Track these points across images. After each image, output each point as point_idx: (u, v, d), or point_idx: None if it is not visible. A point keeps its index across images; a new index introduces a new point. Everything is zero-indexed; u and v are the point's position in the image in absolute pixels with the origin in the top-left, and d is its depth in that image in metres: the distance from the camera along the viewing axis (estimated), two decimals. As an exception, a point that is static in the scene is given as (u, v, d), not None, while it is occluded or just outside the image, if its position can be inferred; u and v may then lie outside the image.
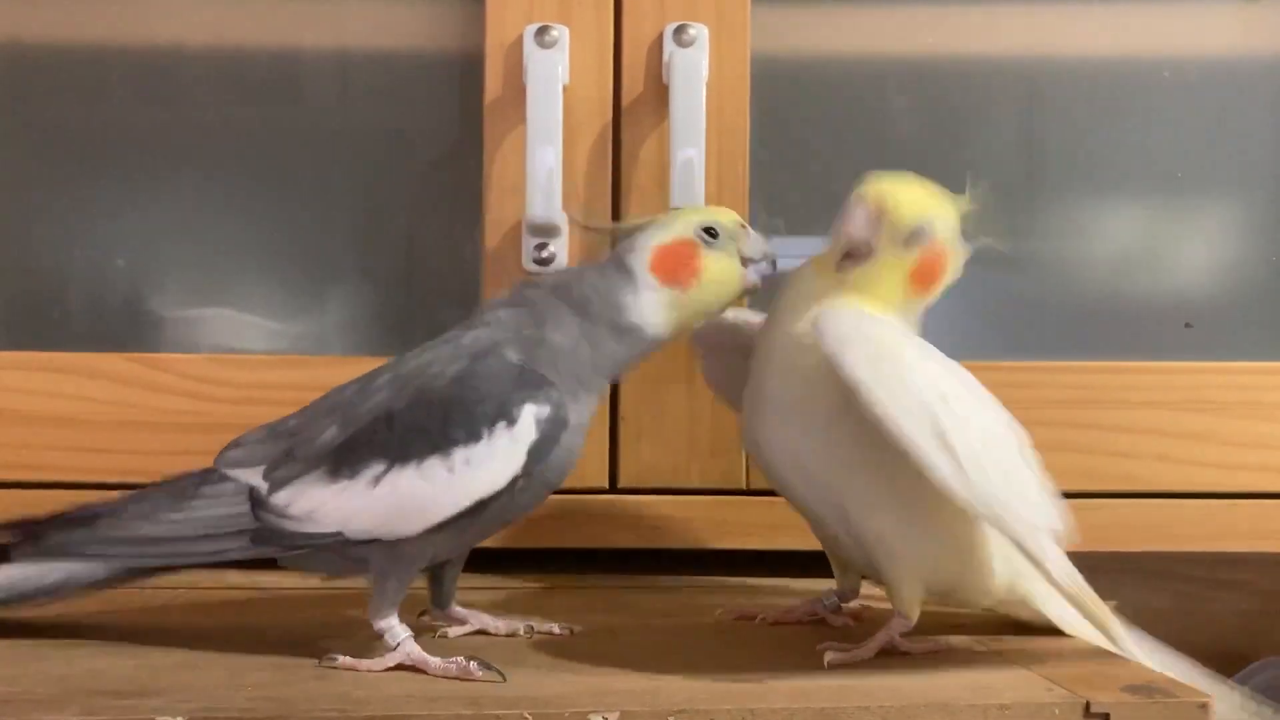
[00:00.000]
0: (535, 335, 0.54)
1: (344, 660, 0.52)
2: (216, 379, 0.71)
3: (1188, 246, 0.78)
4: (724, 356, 0.63)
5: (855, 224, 0.54)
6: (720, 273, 0.56)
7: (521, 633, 0.58)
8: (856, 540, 0.56)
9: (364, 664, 0.52)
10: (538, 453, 0.52)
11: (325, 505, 0.53)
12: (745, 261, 0.56)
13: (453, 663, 0.51)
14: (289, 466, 0.53)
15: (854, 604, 0.62)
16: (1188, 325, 0.76)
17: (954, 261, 0.56)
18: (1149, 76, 0.77)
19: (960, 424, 0.51)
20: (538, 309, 0.55)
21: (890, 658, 0.55)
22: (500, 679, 0.50)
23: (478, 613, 0.59)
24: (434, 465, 0.52)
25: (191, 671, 0.51)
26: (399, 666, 0.52)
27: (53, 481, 0.69)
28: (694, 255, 0.55)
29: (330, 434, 0.53)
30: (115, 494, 0.60)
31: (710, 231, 0.56)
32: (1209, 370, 0.72)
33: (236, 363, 0.72)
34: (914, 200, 0.55)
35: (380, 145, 0.77)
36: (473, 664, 0.51)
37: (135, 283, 0.76)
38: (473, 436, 0.52)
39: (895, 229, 0.54)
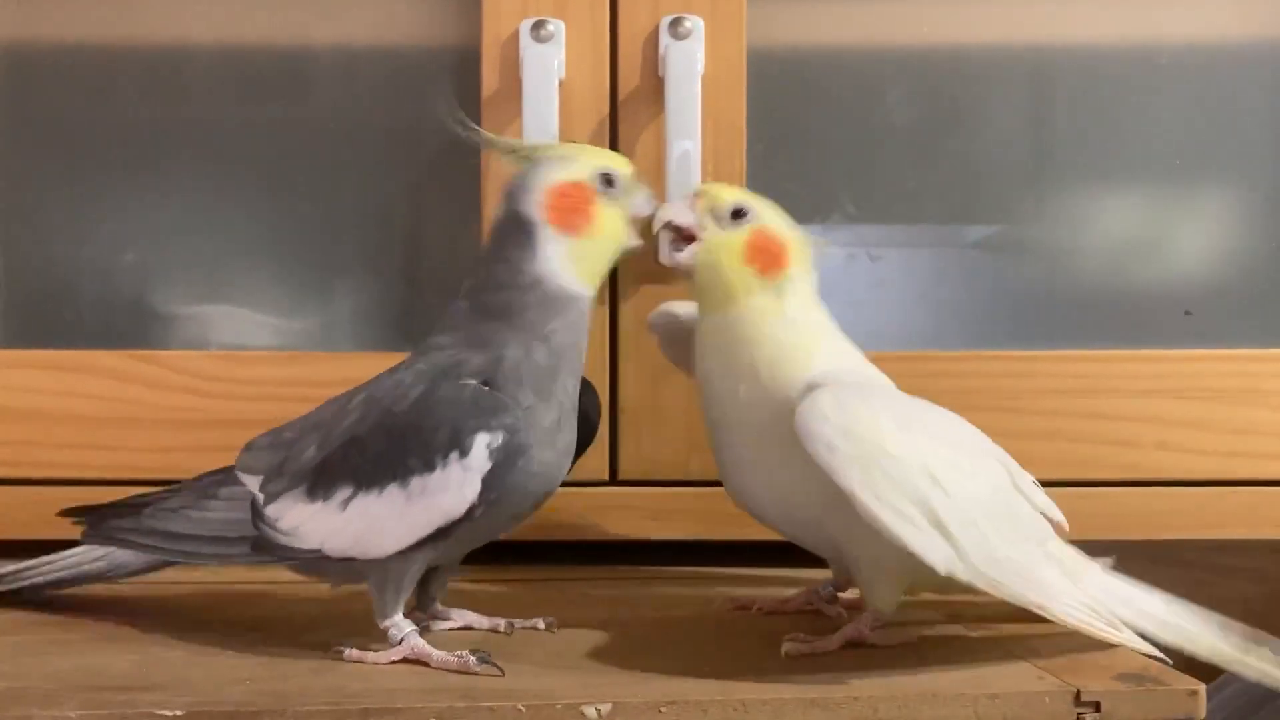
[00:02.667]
0: (491, 356, 0.53)
1: (351, 652, 0.53)
2: (220, 376, 0.72)
3: (1187, 233, 0.78)
4: (678, 342, 0.63)
5: (672, 209, 0.57)
6: (612, 223, 0.55)
7: (502, 628, 0.58)
8: (835, 553, 0.57)
9: (370, 656, 0.53)
10: (493, 481, 0.52)
11: (306, 523, 0.54)
12: (631, 218, 0.56)
13: (454, 657, 0.52)
14: (278, 481, 0.55)
15: (851, 594, 0.62)
16: (1187, 313, 0.76)
17: (796, 247, 0.57)
18: (1147, 63, 0.76)
19: (954, 505, 0.51)
20: (474, 331, 0.54)
21: (880, 647, 0.55)
22: (498, 673, 0.51)
23: (461, 610, 0.59)
24: (394, 492, 0.52)
25: (189, 665, 0.52)
26: (404, 660, 0.53)
27: (57, 479, 0.70)
28: (590, 200, 0.54)
29: (310, 453, 0.54)
30: (119, 492, 0.61)
31: (608, 179, 0.55)
32: (1208, 358, 0.72)
33: (240, 359, 0.72)
34: (731, 189, 0.58)
35: (382, 141, 0.77)
36: (472, 659, 0.51)
37: (138, 280, 0.76)
38: (427, 466, 0.52)
39: (715, 209, 0.57)
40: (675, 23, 0.70)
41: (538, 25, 0.69)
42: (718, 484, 0.71)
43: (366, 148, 0.77)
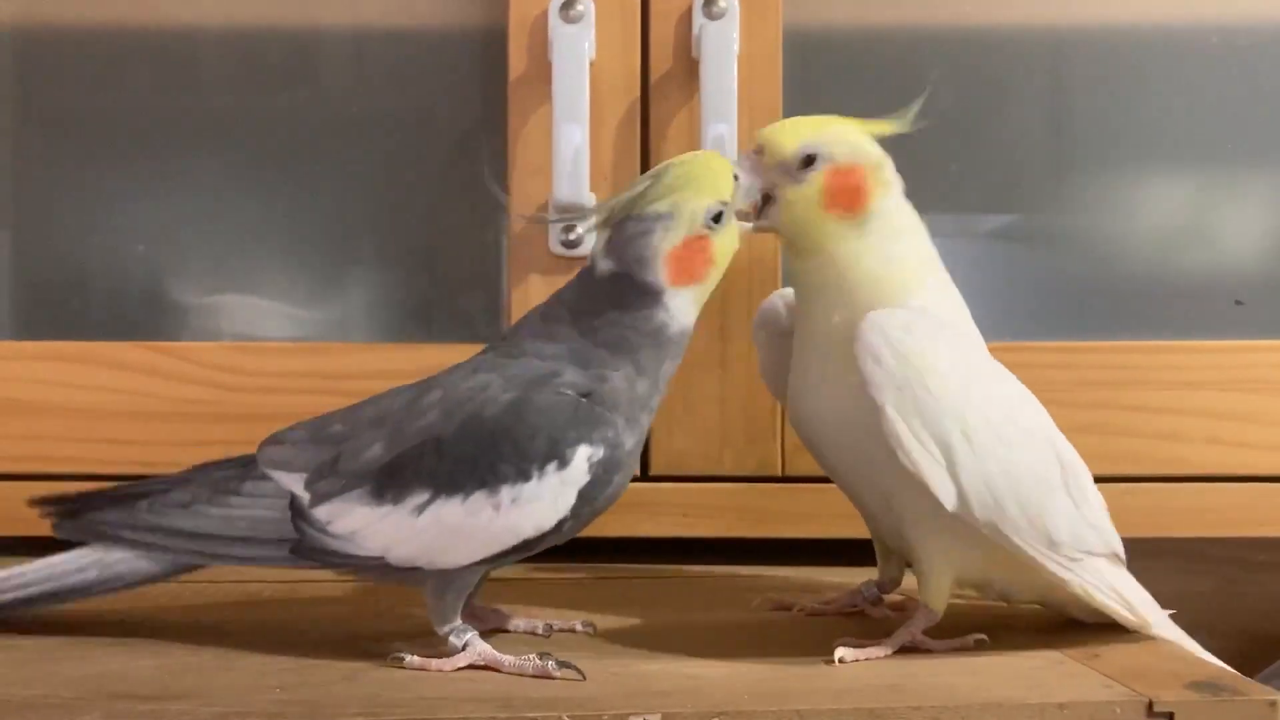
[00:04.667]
0: (594, 376, 0.51)
1: (413, 660, 0.50)
2: (236, 367, 0.70)
3: (1237, 220, 0.76)
4: (777, 352, 0.61)
5: (742, 186, 0.54)
6: (730, 244, 0.53)
7: (540, 631, 0.56)
8: (894, 519, 0.54)
9: (434, 664, 0.50)
10: (588, 495, 0.50)
11: (368, 528, 0.50)
12: (740, 215, 0.54)
13: (527, 661, 0.49)
14: (332, 480, 0.51)
15: (895, 596, 0.60)
16: (1238, 302, 0.74)
17: (874, 173, 0.54)
18: (1197, 43, 0.74)
19: (976, 463, 0.50)
20: (580, 351, 0.51)
21: (936, 653, 0.53)
22: (579, 677, 0.48)
23: (499, 610, 0.57)
24: (480, 501, 0.49)
25: (215, 673, 0.50)
26: (470, 666, 0.50)
27: (72, 473, 0.68)
28: (707, 248, 0.52)
29: (375, 451, 0.51)
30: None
31: (718, 217, 0.52)
32: (1260, 349, 0.70)
33: (256, 350, 0.70)
34: (791, 130, 0.55)
35: (401, 127, 0.75)
36: (550, 662, 0.49)
37: (153, 270, 0.74)
38: (522, 475, 0.49)
39: (782, 162, 0.54)
40: (709, 2, 0.68)
41: (567, 5, 0.67)
42: (750, 479, 0.70)
43: (386, 135, 0.75)
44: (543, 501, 0.49)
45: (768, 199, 0.55)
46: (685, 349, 0.53)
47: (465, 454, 0.49)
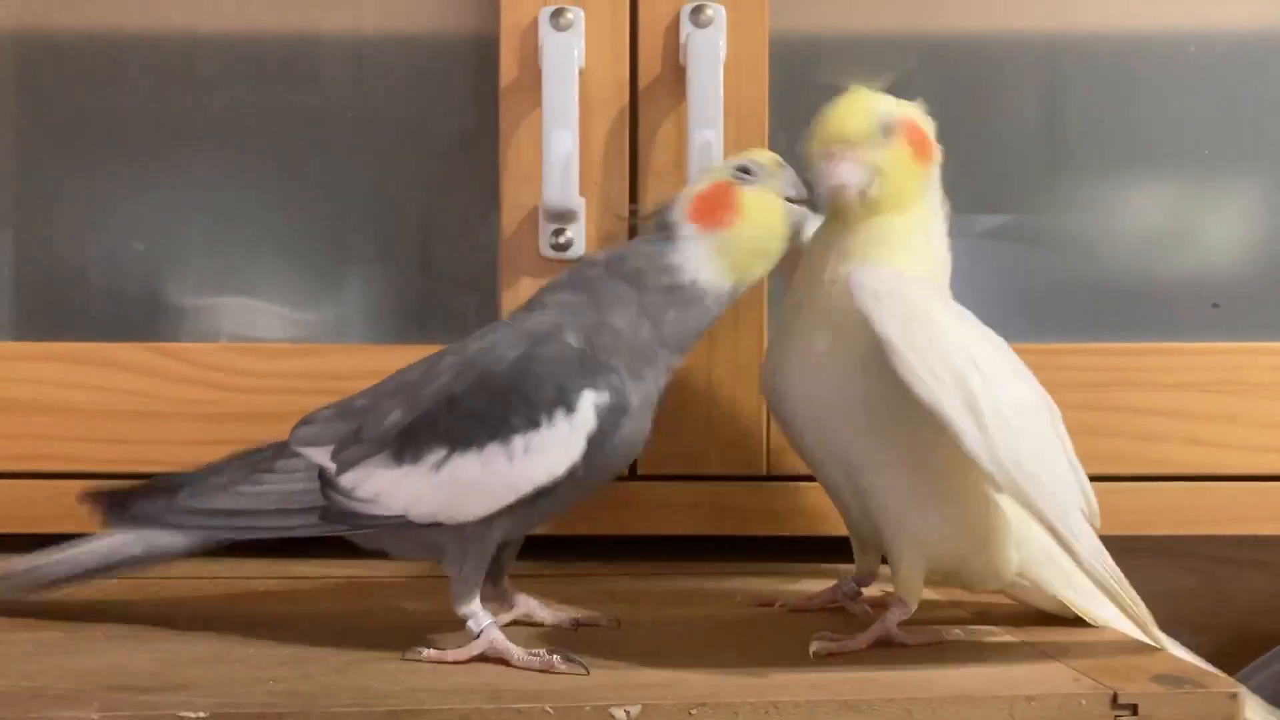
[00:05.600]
0: (594, 319, 0.53)
1: (429, 653, 0.52)
2: (234, 368, 0.71)
3: (1215, 224, 0.77)
4: None
5: (839, 175, 0.55)
6: (762, 207, 0.55)
7: (566, 625, 0.57)
8: (863, 504, 0.55)
9: (450, 655, 0.52)
10: (597, 441, 0.52)
11: (390, 488, 0.53)
12: (791, 199, 0.56)
13: (535, 656, 0.51)
14: (356, 448, 0.54)
15: (876, 592, 0.61)
16: (1215, 305, 0.75)
17: (927, 122, 0.58)
18: (1175, 51, 0.75)
19: (989, 391, 0.50)
20: (595, 289, 0.54)
21: (910, 646, 0.54)
22: (584, 672, 0.50)
23: (528, 599, 0.58)
24: (494, 452, 0.51)
25: (212, 665, 0.51)
26: (482, 657, 0.52)
27: (72, 472, 0.69)
28: (730, 193, 0.55)
29: (395, 416, 0.53)
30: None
31: (745, 170, 0.55)
32: (1238, 351, 0.71)
33: (254, 351, 0.71)
34: (852, 113, 0.56)
35: (396, 131, 0.76)
36: (555, 658, 0.50)
37: (151, 271, 0.75)
38: (532, 424, 0.51)
39: (868, 137, 0.55)
40: (697, 10, 0.69)
41: (557, 13, 0.68)
42: (737, 478, 0.71)
43: (382, 139, 0.76)
44: (555, 448, 0.51)
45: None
46: (709, 315, 0.55)
47: (477, 409, 0.52)
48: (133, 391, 0.70)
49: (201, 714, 0.44)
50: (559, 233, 0.69)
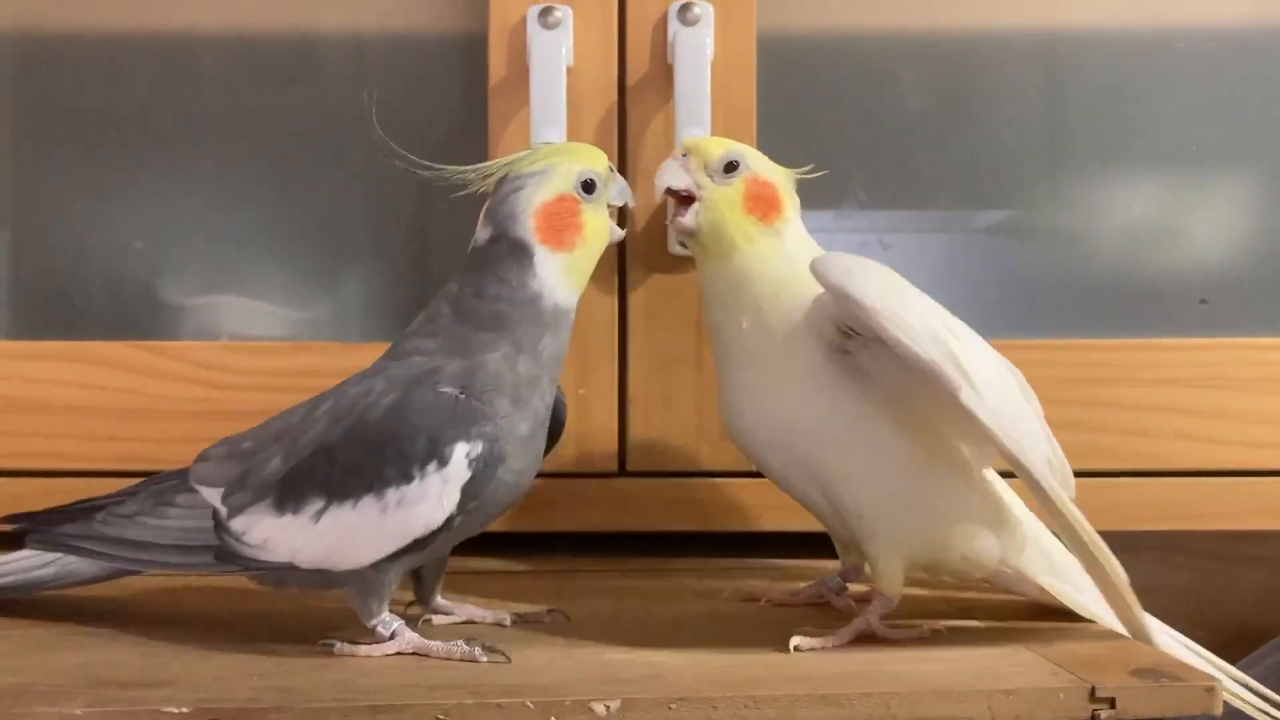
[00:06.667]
0: (471, 364, 0.52)
1: (343, 647, 0.52)
2: (227, 366, 0.71)
3: (1203, 221, 0.77)
4: None
5: (667, 173, 0.58)
6: (597, 227, 0.55)
7: (507, 622, 0.58)
8: (835, 509, 0.56)
9: (363, 649, 0.52)
10: (472, 490, 0.51)
11: (275, 536, 0.53)
12: (609, 208, 0.56)
13: (455, 646, 0.51)
14: (242, 494, 0.54)
15: (861, 587, 0.62)
16: (1203, 301, 0.75)
17: (785, 189, 0.59)
18: (1162, 48, 0.75)
19: (966, 351, 0.52)
20: (457, 340, 0.53)
21: (891, 641, 0.54)
22: (504, 660, 0.50)
23: (463, 604, 0.59)
24: (369, 504, 0.51)
25: (196, 661, 0.52)
26: (399, 654, 0.52)
27: (65, 470, 0.70)
28: (576, 213, 0.54)
29: (275, 465, 0.53)
30: (126, 483, 0.60)
31: (588, 186, 0.54)
32: (1225, 346, 0.71)
33: (247, 350, 0.72)
34: (716, 140, 0.60)
35: (390, 129, 0.76)
36: (476, 648, 0.51)
37: (147, 270, 0.76)
38: (404, 477, 0.51)
39: (707, 164, 0.58)
40: (684, 8, 0.69)
41: (545, 11, 0.69)
42: (726, 474, 0.71)
43: (374, 137, 0.76)
44: (428, 501, 0.51)
45: (688, 200, 0.58)
46: (569, 332, 0.54)
47: (352, 460, 0.51)
48: (128, 390, 0.71)
49: (185, 709, 0.45)
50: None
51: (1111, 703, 0.46)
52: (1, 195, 0.76)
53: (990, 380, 0.53)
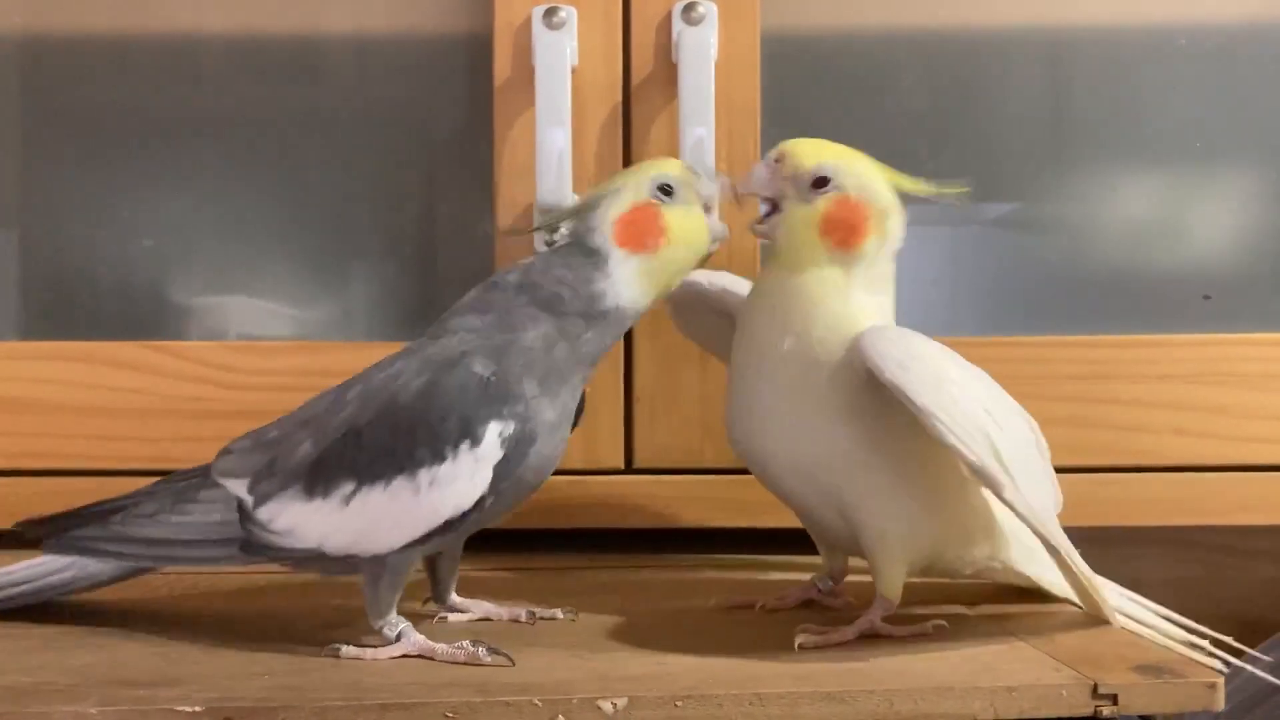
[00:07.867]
0: (505, 340, 0.53)
1: (349, 649, 0.52)
2: (236, 366, 0.72)
3: (1205, 217, 0.77)
4: (694, 313, 0.64)
5: (754, 178, 0.56)
6: (687, 226, 0.55)
7: (523, 619, 0.58)
8: (846, 522, 0.56)
9: (369, 653, 0.52)
10: (504, 470, 0.52)
11: (303, 523, 0.53)
12: (706, 207, 0.56)
13: (459, 649, 0.52)
14: (270, 481, 0.54)
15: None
16: (1206, 297, 0.75)
17: (877, 218, 0.55)
18: (1165, 44, 0.75)
19: (1002, 437, 0.53)
20: (506, 314, 0.54)
21: (892, 639, 0.55)
22: (508, 663, 0.51)
23: (479, 601, 0.59)
24: (400, 486, 0.52)
25: (207, 661, 0.52)
26: (405, 657, 0.52)
27: (75, 469, 0.70)
28: (656, 215, 0.54)
29: (305, 450, 0.53)
30: (136, 482, 0.61)
31: (665, 189, 0.55)
32: (1227, 342, 0.71)
33: (257, 349, 0.72)
34: (815, 148, 0.56)
35: (395, 129, 0.77)
36: (480, 649, 0.51)
37: (154, 270, 0.76)
38: (437, 457, 0.51)
39: (796, 175, 0.55)
40: (688, 8, 0.69)
41: (550, 12, 0.69)
42: (733, 471, 0.71)
43: (381, 136, 0.77)
44: (460, 481, 0.51)
45: (774, 209, 0.56)
46: (618, 336, 0.55)
47: (383, 442, 0.52)
48: (136, 390, 0.71)
49: (198, 708, 0.45)
50: (553, 229, 0.70)
51: (1114, 699, 0.47)
52: (10, 196, 0.77)
53: (1017, 462, 0.53)
